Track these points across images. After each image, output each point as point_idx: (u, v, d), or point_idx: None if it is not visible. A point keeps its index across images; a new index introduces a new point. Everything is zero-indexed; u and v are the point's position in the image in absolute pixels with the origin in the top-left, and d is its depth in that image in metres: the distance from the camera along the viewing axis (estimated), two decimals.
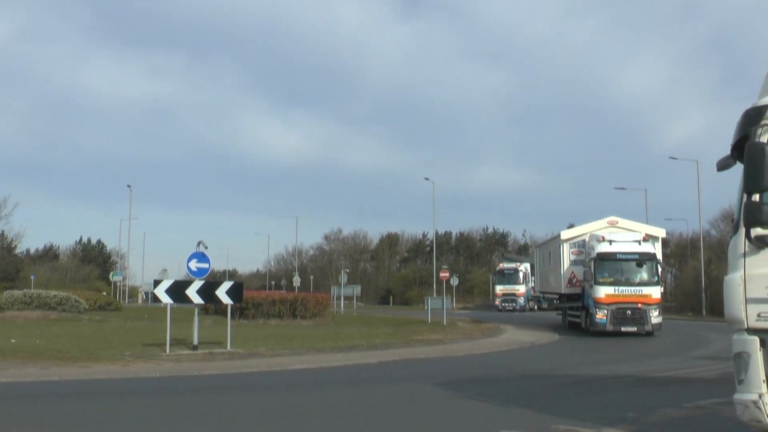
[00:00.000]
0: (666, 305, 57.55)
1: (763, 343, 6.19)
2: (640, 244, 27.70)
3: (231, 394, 12.53)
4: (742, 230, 6.37)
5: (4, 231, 64.78)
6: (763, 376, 6.15)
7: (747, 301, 6.30)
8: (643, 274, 27.58)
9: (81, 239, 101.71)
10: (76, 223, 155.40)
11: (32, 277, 59.23)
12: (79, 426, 9.32)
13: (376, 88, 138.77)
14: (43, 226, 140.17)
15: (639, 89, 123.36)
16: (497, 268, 67.33)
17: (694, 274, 54.14)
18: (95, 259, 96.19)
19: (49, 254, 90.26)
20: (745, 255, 6.37)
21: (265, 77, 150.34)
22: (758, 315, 6.23)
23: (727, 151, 6.93)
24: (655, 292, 27.32)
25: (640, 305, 27.03)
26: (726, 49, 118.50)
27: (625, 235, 28.44)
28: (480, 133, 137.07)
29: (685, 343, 25.24)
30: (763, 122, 6.37)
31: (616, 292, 27.23)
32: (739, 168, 6.63)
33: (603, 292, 27.30)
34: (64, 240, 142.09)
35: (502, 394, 12.23)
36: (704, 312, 49.57)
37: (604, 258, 27.61)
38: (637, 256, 27.58)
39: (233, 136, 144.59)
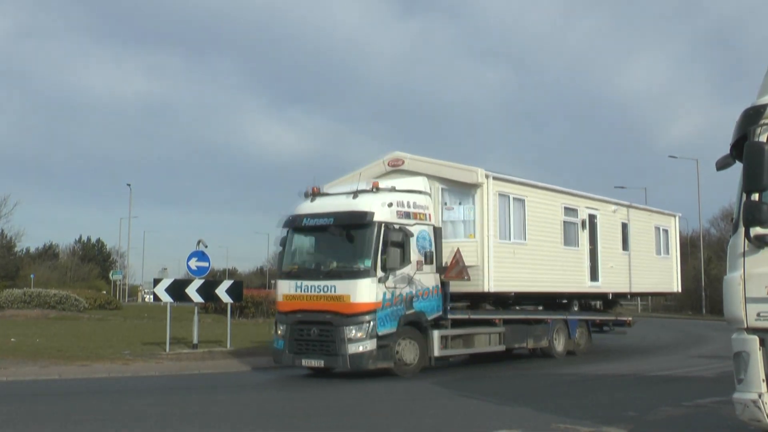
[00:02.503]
0: (666, 304, 57.78)
1: (762, 343, 6.19)
2: (355, 197, 14.71)
3: (231, 392, 12.53)
4: (742, 229, 6.37)
5: (3, 230, 64.78)
6: (762, 376, 6.15)
7: (746, 300, 6.30)
8: (346, 257, 14.75)
9: (80, 238, 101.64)
10: (75, 221, 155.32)
11: (32, 276, 59.21)
12: (79, 425, 9.32)
13: (376, 86, 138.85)
14: (43, 225, 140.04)
15: (639, 88, 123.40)
16: None
17: (694, 273, 54.17)
18: (95, 258, 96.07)
19: (48, 253, 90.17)
20: (744, 254, 6.36)
21: (264, 75, 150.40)
22: (758, 314, 6.23)
23: (727, 150, 6.93)
24: (363, 291, 14.01)
25: (329, 316, 14.24)
26: (726, 47, 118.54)
27: (354, 186, 15.23)
28: (480, 131, 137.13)
29: (684, 342, 25.27)
30: (762, 122, 6.37)
31: (298, 292, 14.80)
32: (738, 167, 6.62)
33: (281, 290, 15.23)
34: (64, 239, 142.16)
35: (502, 392, 12.24)
36: (704, 311, 49.61)
37: (291, 227, 15.52)
38: (330, 221, 14.67)
39: (233, 134, 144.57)
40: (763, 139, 6.33)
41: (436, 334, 15.20)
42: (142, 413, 10.27)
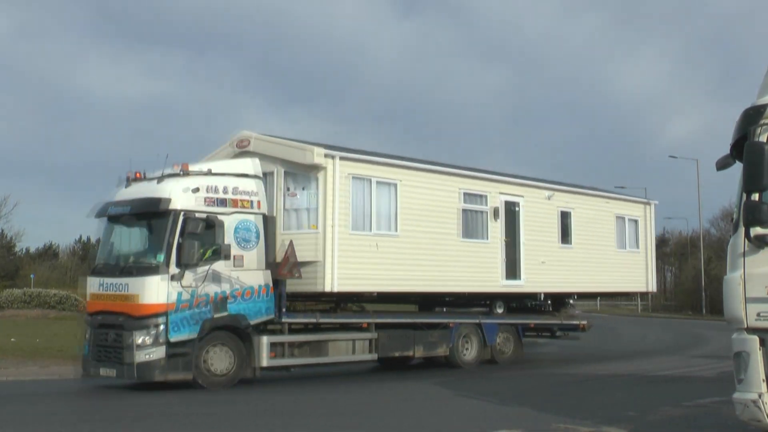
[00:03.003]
0: (666, 304, 57.76)
1: (762, 343, 6.19)
2: (159, 182, 13.11)
3: (230, 392, 12.52)
4: (742, 229, 6.37)
5: (3, 230, 64.76)
6: (762, 376, 6.15)
7: (746, 300, 6.30)
8: (141, 251, 13.59)
9: (81, 238, 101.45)
10: (75, 221, 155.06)
11: (32, 276, 59.21)
12: (78, 424, 9.32)
13: (377, 86, 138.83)
14: (43, 225, 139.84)
15: (639, 87, 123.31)
16: None
17: (694, 273, 54.18)
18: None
19: (48, 253, 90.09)
20: (744, 254, 6.36)
21: (264, 75, 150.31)
22: (758, 314, 6.23)
23: (727, 150, 6.93)
24: (150, 290, 12.38)
25: (121, 319, 12.60)
26: (725, 47, 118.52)
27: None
28: (480, 130, 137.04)
29: (684, 342, 25.27)
30: (763, 121, 6.37)
31: (101, 290, 13.27)
32: (738, 167, 6.63)
33: (88, 288, 13.82)
34: (64, 239, 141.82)
35: (502, 393, 12.24)
36: (704, 311, 49.62)
37: (99, 216, 13.99)
38: (128, 209, 13.24)
39: (233, 134, 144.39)
40: (763, 139, 6.33)
41: (264, 340, 13.11)
42: (141, 413, 10.27)
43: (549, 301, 18.51)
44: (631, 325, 34.77)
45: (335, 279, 13.56)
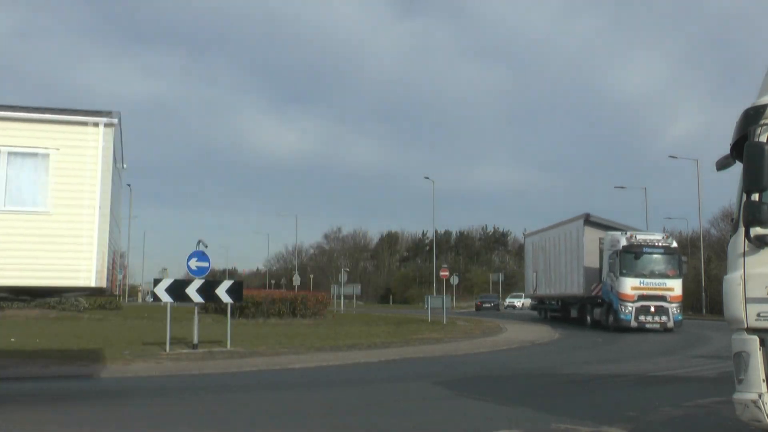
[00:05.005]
0: None
1: (762, 343, 6.20)
2: None
3: (230, 393, 12.53)
4: (742, 230, 6.38)
5: None
6: (762, 376, 6.16)
7: (746, 300, 6.31)
8: None
9: None
10: None
11: None
12: (77, 425, 9.32)
13: (376, 86, 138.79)
14: None
15: (639, 88, 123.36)
16: (623, 244, 30.72)
17: (694, 273, 54.18)
18: None
19: None
20: (744, 254, 6.37)
21: (263, 75, 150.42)
22: (758, 314, 6.23)
23: (727, 150, 6.94)
24: None
25: None
26: (725, 47, 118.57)
27: None
28: (479, 131, 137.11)
29: (684, 342, 25.24)
30: (763, 122, 6.37)
31: None
32: (738, 167, 6.63)
33: None
34: None
35: (502, 393, 12.24)
36: (704, 311, 49.62)
37: None
38: None
39: (232, 134, 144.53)
40: (763, 139, 6.33)
41: None
42: (140, 413, 10.27)
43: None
44: None
45: None
